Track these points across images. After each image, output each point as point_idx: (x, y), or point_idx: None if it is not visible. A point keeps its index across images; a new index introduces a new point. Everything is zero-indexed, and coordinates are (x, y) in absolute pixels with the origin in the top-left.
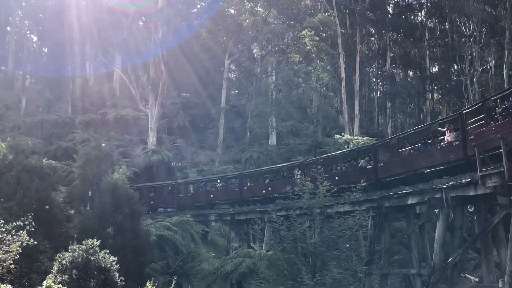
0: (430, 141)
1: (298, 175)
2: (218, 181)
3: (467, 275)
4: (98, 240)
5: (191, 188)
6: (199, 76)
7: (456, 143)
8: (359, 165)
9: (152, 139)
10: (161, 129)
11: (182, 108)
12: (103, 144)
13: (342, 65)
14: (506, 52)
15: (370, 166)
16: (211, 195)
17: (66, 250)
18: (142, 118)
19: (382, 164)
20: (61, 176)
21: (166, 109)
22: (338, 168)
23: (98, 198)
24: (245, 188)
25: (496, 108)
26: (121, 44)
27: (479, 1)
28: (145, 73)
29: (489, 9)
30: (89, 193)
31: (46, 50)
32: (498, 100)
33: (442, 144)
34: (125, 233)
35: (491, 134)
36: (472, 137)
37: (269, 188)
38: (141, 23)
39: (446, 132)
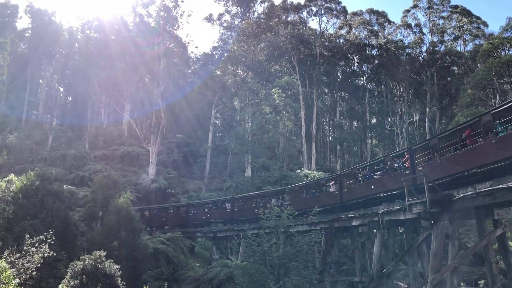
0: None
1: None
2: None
3: (398, 282)
4: (104, 251)
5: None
6: (191, 122)
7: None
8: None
9: (152, 171)
10: (159, 163)
11: (176, 146)
12: (112, 174)
13: (303, 116)
14: (428, 109)
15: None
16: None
17: (79, 259)
18: (144, 154)
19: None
20: (77, 199)
21: (164, 147)
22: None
23: (106, 217)
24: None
25: (359, 174)
26: (130, 95)
27: (407, 70)
28: (148, 119)
29: (415, 76)
30: (100, 213)
31: (70, 99)
32: (360, 169)
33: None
34: (127, 246)
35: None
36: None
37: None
38: (147, 80)
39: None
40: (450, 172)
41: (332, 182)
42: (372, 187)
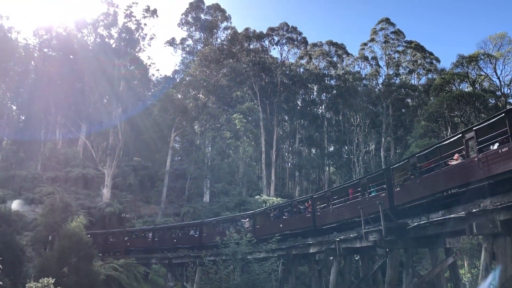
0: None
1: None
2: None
3: None
4: (53, 278)
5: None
6: (149, 145)
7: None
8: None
9: (107, 194)
10: (115, 186)
11: (133, 169)
12: (65, 196)
13: (263, 142)
14: (383, 139)
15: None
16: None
17: (24, 287)
18: (99, 177)
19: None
20: (26, 223)
21: (120, 170)
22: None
23: (57, 242)
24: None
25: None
26: (87, 116)
27: (364, 101)
28: (105, 140)
29: (371, 107)
30: (50, 237)
31: (23, 118)
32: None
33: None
34: (78, 273)
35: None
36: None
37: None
38: (105, 101)
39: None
40: (338, 218)
41: (247, 219)
42: (281, 225)
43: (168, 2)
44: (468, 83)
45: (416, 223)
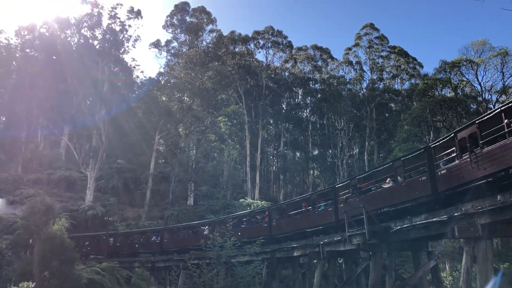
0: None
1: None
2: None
3: None
4: (34, 282)
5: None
6: (133, 147)
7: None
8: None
9: (89, 197)
10: (98, 189)
11: (117, 172)
12: (47, 199)
13: (248, 145)
14: (367, 143)
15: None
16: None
17: None
18: (82, 179)
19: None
20: (6, 226)
21: (103, 172)
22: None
23: (38, 246)
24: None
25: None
26: (70, 118)
27: (348, 105)
28: (88, 142)
29: (355, 111)
30: (30, 240)
31: (4, 119)
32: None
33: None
34: (59, 277)
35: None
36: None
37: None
38: (89, 102)
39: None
40: (291, 228)
41: (207, 227)
42: (239, 233)
43: (154, 4)
44: (450, 88)
45: (399, 227)
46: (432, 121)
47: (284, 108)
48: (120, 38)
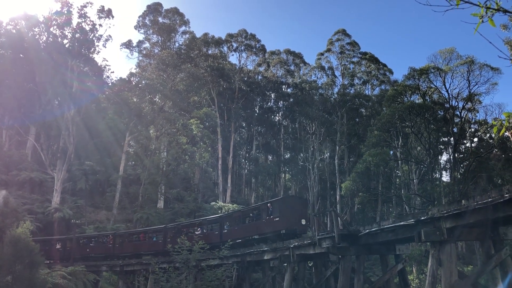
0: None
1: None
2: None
3: None
4: None
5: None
6: (103, 148)
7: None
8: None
9: (56, 199)
10: (65, 191)
11: (85, 173)
12: (11, 201)
13: (220, 148)
14: (337, 147)
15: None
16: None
17: None
18: (49, 181)
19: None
20: None
21: (72, 174)
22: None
23: (0, 249)
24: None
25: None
26: (37, 117)
27: (319, 109)
28: (55, 143)
29: (327, 115)
30: None
31: None
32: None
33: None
34: (23, 281)
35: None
36: None
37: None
38: (57, 102)
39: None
40: (238, 235)
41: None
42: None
43: (126, 4)
44: (419, 95)
45: (367, 230)
46: (401, 127)
47: (257, 111)
48: (91, 37)
